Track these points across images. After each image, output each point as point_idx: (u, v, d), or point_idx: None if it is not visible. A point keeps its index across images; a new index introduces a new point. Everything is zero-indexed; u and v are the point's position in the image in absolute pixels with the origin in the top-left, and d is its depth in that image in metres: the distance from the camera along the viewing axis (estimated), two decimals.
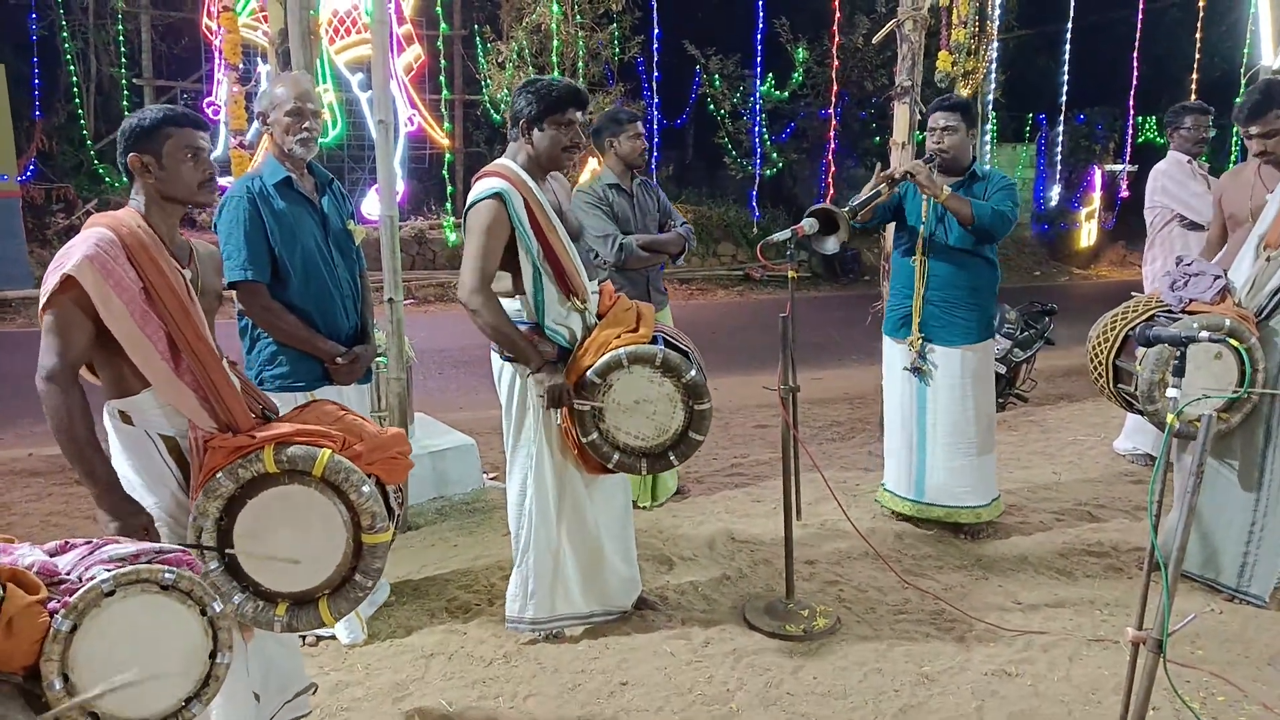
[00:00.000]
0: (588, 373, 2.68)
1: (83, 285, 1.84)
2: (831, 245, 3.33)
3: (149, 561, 1.62)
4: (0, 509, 4.15)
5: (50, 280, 1.86)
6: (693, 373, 2.71)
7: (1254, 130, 3.16)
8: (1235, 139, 9.88)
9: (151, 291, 1.93)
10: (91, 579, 1.53)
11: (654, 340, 2.75)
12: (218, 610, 1.64)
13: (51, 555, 1.61)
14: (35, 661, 1.47)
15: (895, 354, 3.77)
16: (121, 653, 1.55)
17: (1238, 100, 3.31)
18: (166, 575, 1.59)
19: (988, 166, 3.74)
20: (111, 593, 1.53)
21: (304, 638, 2.84)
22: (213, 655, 1.65)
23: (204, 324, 2.03)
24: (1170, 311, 3.19)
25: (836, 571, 3.44)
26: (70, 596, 1.50)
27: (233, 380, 2.05)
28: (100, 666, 1.52)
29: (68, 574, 1.56)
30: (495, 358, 2.86)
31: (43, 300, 1.88)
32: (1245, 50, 7.50)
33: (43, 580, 1.53)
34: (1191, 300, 3.14)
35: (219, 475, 1.92)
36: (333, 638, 2.92)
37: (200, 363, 1.98)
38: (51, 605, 1.50)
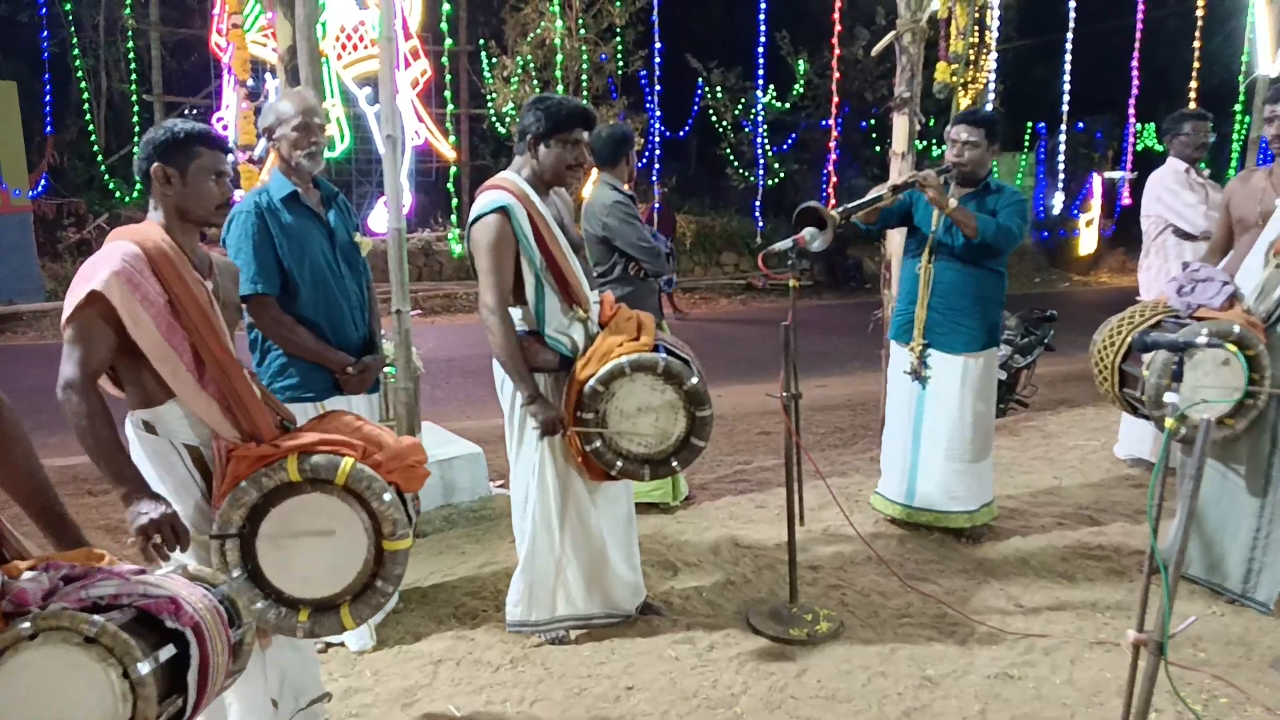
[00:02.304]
0: (591, 381, 2.72)
1: (110, 301, 1.86)
2: (818, 245, 3.33)
3: (129, 604, 1.52)
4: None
5: (77, 293, 1.88)
6: (694, 380, 2.74)
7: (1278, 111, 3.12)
8: (1235, 145, 9.90)
9: (176, 304, 1.96)
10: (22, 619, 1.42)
11: (655, 349, 2.80)
12: (142, 674, 1.45)
13: (67, 581, 1.55)
14: None
15: (899, 358, 3.80)
16: (28, 706, 1.42)
17: (1237, 107, 3.33)
18: (90, 626, 1.44)
19: (1000, 180, 3.75)
20: (33, 636, 1.42)
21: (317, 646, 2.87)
22: None
23: (226, 335, 2.06)
24: (1178, 317, 3.19)
25: (839, 576, 3.46)
26: None
27: (255, 390, 2.08)
28: (6, 715, 1.41)
29: (41, 607, 1.47)
30: (497, 368, 2.91)
31: (67, 313, 1.89)
32: (1243, 58, 7.54)
33: (14, 610, 1.44)
34: (1200, 306, 3.13)
35: (243, 484, 1.94)
36: (342, 644, 2.95)
37: (224, 373, 2.01)
38: None
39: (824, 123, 13.79)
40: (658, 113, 13.09)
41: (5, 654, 1.41)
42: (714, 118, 14.73)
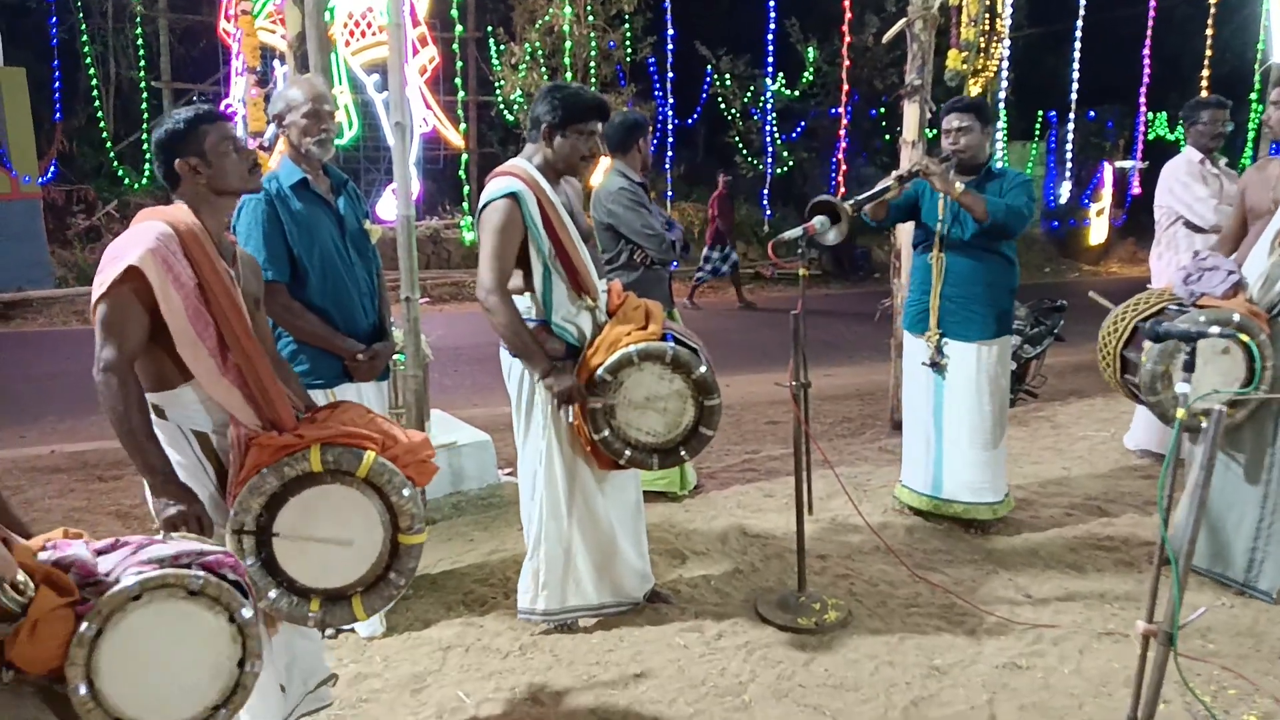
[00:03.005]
0: (599, 370, 2.72)
1: (146, 277, 1.84)
2: (833, 237, 3.31)
3: (188, 564, 1.60)
4: (23, 505, 4.22)
5: (111, 271, 1.86)
6: (702, 369, 2.74)
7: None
8: (1250, 134, 9.82)
9: (205, 287, 1.95)
10: (121, 582, 1.52)
11: (663, 338, 2.79)
12: (247, 617, 1.60)
13: (99, 554, 1.60)
14: (61, 665, 1.46)
15: (914, 349, 3.80)
16: (147, 659, 1.52)
17: (1252, 95, 3.31)
18: (194, 580, 1.56)
19: (1002, 164, 3.75)
20: (138, 597, 1.51)
21: (324, 631, 2.89)
22: (241, 663, 1.61)
23: (250, 321, 2.05)
24: (1181, 304, 3.19)
25: (848, 565, 3.47)
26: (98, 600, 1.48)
27: (277, 379, 2.07)
28: (125, 673, 1.50)
29: (106, 575, 1.55)
30: (505, 354, 2.91)
31: (99, 291, 1.87)
32: (1259, 46, 7.46)
33: (80, 580, 1.51)
34: (1203, 294, 3.13)
35: (264, 472, 1.94)
36: (352, 630, 2.97)
37: (248, 359, 2.00)
38: (82, 608, 1.48)
39: (833, 111, 13.71)
40: (668, 100, 13.05)
41: (114, 615, 1.50)
42: (723, 106, 14.66)
